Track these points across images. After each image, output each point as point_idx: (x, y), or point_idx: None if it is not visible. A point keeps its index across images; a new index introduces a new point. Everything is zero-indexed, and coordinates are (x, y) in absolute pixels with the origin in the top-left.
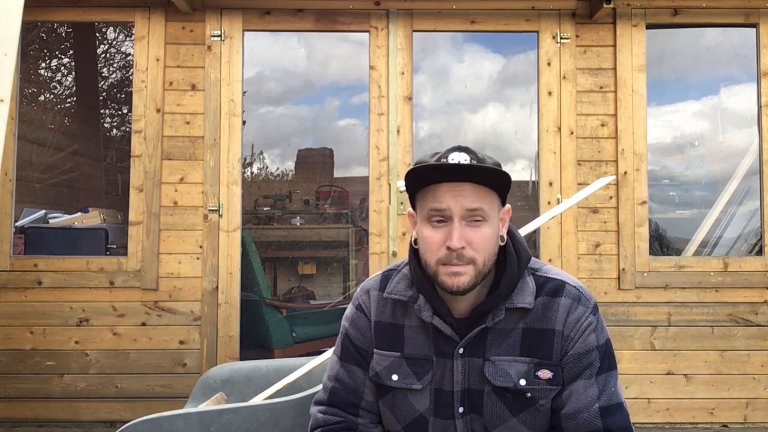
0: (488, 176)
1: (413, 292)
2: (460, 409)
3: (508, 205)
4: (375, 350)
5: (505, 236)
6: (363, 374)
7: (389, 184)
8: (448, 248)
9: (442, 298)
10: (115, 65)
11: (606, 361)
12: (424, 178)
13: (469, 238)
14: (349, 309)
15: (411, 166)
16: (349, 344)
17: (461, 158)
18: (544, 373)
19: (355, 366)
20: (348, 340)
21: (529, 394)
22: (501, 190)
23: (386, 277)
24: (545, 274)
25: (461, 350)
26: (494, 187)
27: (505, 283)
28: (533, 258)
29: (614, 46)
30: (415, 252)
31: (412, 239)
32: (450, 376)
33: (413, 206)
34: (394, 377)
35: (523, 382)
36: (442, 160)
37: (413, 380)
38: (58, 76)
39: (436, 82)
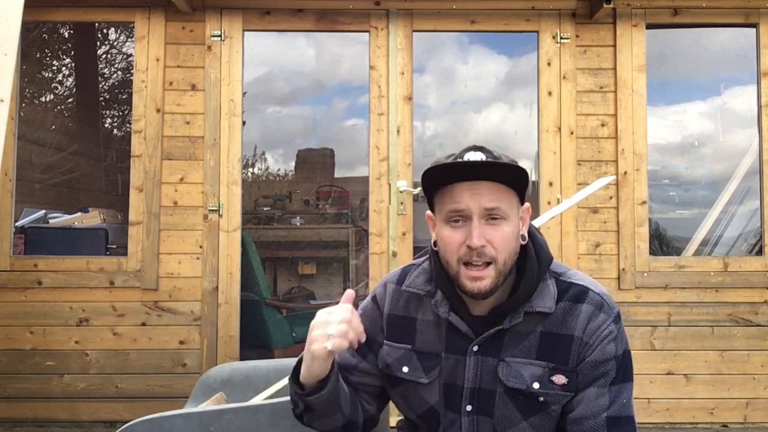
0: (505, 174)
1: (431, 287)
2: (468, 407)
3: (527, 204)
4: (386, 342)
5: (526, 236)
6: (355, 360)
7: (389, 184)
8: (468, 247)
9: (461, 296)
10: (116, 66)
11: (622, 372)
12: (440, 179)
13: (489, 236)
14: (366, 300)
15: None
16: None
17: (477, 157)
18: (559, 379)
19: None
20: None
21: (541, 398)
22: (519, 188)
23: (406, 271)
24: (569, 279)
25: (475, 348)
26: (512, 185)
27: (524, 286)
28: (557, 262)
29: (614, 46)
30: (435, 254)
31: (432, 241)
32: (462, 372)
33: (431, 209)
34: (405, 369)
35: (536, 385)
36: (458, 160)
37: (421, 374)
38: (59, 77)
39: (440, 82)
